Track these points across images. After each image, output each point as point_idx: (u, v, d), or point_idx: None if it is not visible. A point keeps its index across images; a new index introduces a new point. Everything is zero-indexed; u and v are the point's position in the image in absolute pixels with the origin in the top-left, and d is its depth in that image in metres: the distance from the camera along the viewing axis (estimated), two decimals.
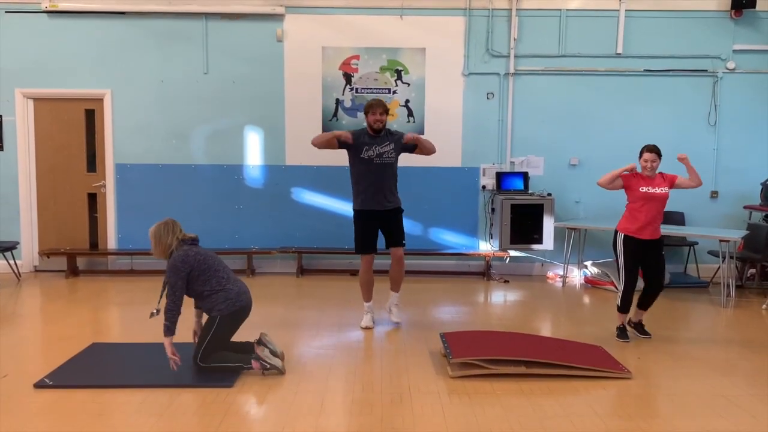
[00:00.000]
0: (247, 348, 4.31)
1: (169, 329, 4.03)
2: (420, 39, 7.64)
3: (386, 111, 5.23)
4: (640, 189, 5.03)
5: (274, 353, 4.29)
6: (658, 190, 5.03)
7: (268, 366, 4.12)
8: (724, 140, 7.71)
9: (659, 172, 5.13)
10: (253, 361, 4.12)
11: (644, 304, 5.19)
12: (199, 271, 4.13)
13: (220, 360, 4.15)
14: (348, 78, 7.68)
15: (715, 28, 7.61)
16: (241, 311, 4.22)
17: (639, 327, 5.22)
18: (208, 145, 7.69)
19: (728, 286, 6.40)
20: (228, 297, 4.14)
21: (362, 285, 5.40)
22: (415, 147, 5.28)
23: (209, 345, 4.11)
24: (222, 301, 4.12)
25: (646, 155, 5.07)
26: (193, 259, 4.12)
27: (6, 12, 7.49)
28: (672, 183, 5.12)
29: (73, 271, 7.55)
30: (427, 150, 5.26)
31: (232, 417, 3.55)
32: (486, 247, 7.81)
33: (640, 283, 5.17)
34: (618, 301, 5.10)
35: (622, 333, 5.10)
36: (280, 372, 4.15)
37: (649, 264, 5.10)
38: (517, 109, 7.72)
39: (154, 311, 4.20)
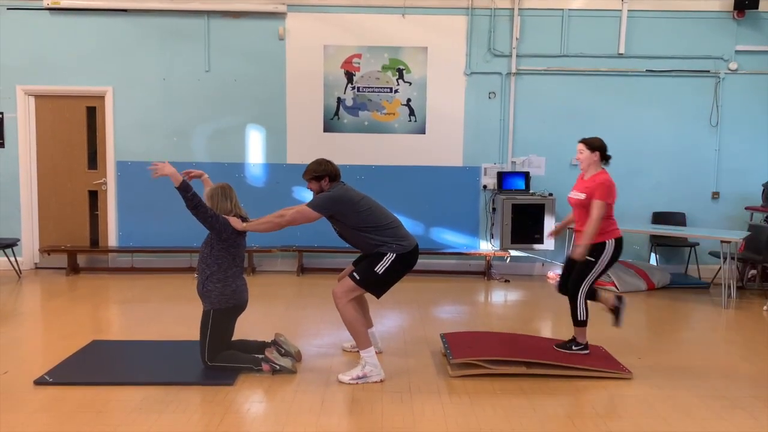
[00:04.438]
0: (258, 348, 4.32)
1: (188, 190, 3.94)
2: (422, 38, 7.63)
3: (312, 177, 4.22)
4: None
5: (287, 353, 4.29)
6: (574, 195, 4.42)
7: (278, 367, 4.12)
8: (726, 141, 7.71)
9: (597, 172, 4.36)
10: (263, 364, 4.12)
11: None
12: (229, 243, 4.13)
13: (230, 360, 4.14)
14: (350, 77, 7.67)
15: (718, 29, 7.60)
16: (233, 309, 4.22)
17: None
18: (209, 143, 7.69)
19: (729, 287, 6.40)
20: (223, 293, 4.12)
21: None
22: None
23: (211, 342, 4.11)
24: (217, 295, 4.11)
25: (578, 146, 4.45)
26: (233, 234, 4.13)
27: (8, 9, 7.49)
28: (591, 193, 4.26)
29: (73, 269, 7.54)
30: None
31: (233, 415, 3.55)
32: (487, 246, 7.80)
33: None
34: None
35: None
36: (291, 372, 4.16)
37: None
38: (518, 109, 7.72)
39: (196, 275, 4.24)
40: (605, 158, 4.41)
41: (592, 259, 4.28)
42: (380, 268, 4.10)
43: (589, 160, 4.36)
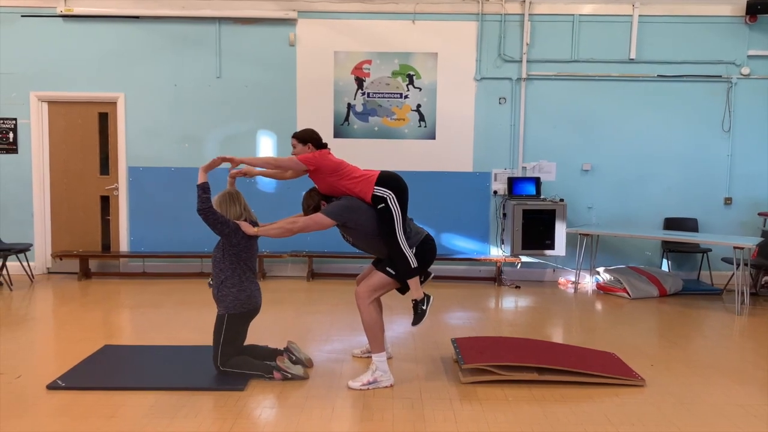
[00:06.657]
0: (269, 354, 4.32)
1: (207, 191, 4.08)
2: (432, 44, 7.64)
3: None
4: None
5: (298, 361, 4.30)
6: None
7: (290, 376, 4.12)
8: (738, 146, 7.66)
9: None
10: (274, 372, 4.13)
11: None
12: (240, 248, 4.13)
13: (241, 366, 4.14)
14: (360, 82, 7.69)
15: (730, 34, 7.57)
16: (248, 313, 4.22)
17: None
18: (220, 149, 7.72)
19: (742, 293, 6.34)
20: (238, 297, 4.13)
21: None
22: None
23: (224, 346, 4.11)
24: (232, 300, 4.12)
25: None
26: (244, 238, 4.13)
27: (22, 16, 7.57)
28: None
29: (85, 274, 7.59)
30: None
31: (244, 420, 3.55)
32: (497, 252, 7.78)
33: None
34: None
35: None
36: (303, 379, 4.16)
37: None
38: (529, 114, 7.71)
39: (210, 281, 4.24)
40: (319, 147, 4.52)
41: (382, 205, 4.14)
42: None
43: (303, 152, 4.47)
